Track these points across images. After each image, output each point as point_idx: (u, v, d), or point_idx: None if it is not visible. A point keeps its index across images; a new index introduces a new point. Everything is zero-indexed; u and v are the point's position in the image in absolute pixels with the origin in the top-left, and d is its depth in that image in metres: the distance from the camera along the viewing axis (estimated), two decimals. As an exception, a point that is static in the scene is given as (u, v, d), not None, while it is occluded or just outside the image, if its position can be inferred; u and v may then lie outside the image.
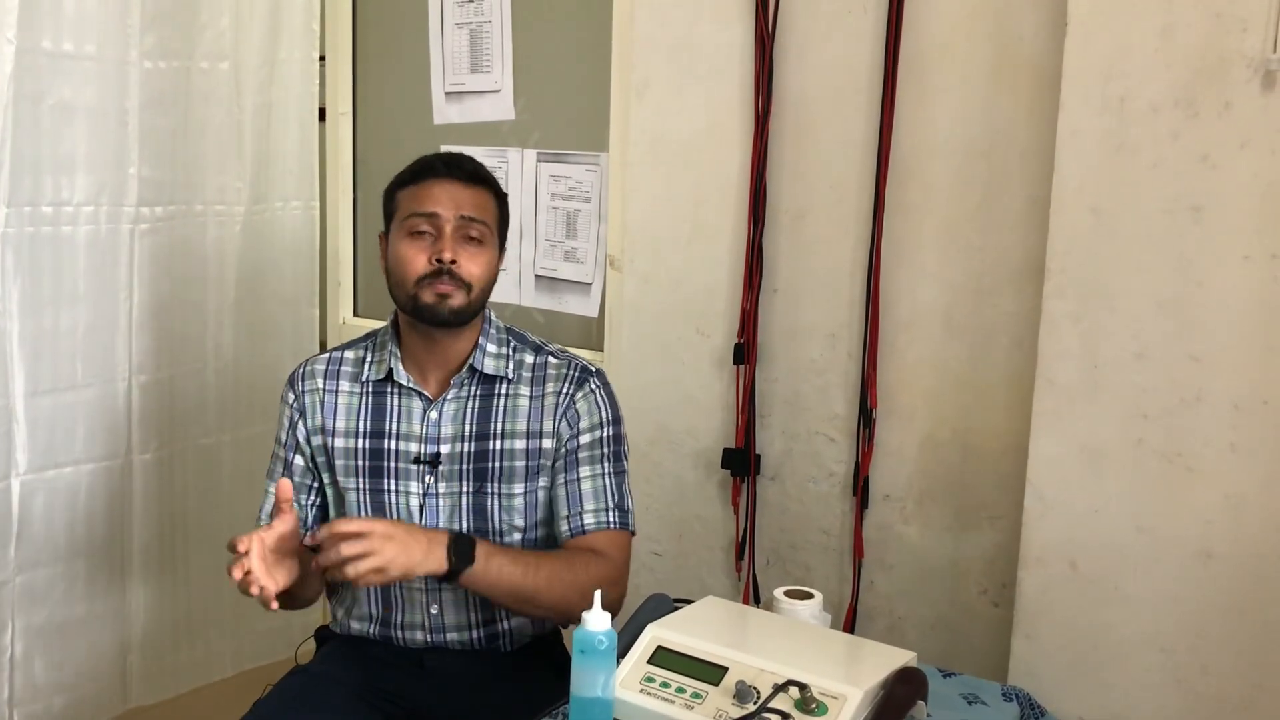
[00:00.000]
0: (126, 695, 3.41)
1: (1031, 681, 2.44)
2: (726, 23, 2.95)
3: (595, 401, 2.52)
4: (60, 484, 3.12)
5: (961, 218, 2.69)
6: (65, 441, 3.12)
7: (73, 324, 3.11)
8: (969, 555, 2.75)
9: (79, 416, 3.15)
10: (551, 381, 2.52)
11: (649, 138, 3.13)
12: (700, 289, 3.07)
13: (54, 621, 3.15)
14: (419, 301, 2.41)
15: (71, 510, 3.17)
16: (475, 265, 2.43)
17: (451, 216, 2.42)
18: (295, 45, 3.59)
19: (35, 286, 3.00)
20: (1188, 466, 2.27)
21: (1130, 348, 2.30)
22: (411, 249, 2.42)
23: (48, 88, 2.96)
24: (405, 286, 2.42)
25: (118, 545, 3.32)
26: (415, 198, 2.45)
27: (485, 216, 2.46)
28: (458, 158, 2.51)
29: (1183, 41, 2.21)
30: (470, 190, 2.46)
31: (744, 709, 2.01)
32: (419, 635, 2.52)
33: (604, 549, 2.47)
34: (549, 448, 2.49)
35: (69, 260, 3.08)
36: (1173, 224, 2.24)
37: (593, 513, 2.49)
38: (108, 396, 3.22)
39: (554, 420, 2.50)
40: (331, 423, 2.53)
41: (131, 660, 3.40)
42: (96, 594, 3.27)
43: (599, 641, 1.99)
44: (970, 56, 2.65)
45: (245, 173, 3.51)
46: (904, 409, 2.80)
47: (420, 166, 2.50)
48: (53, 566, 3.13)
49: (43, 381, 3.04)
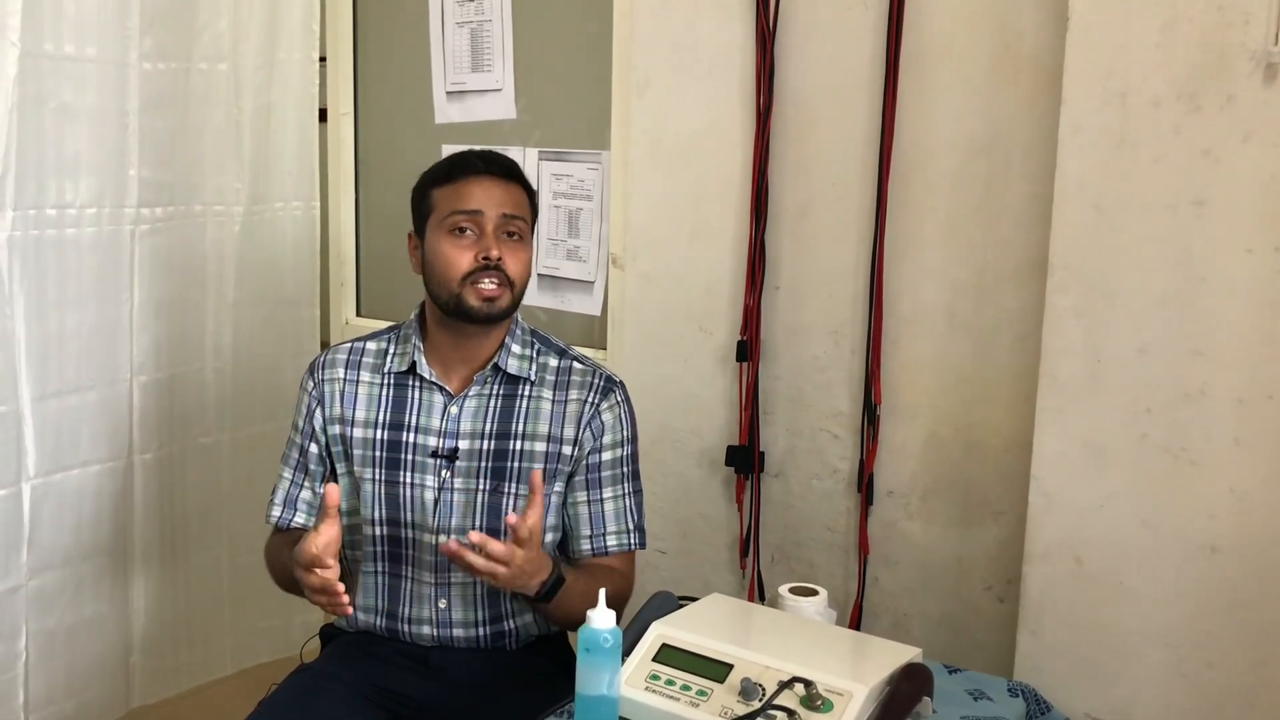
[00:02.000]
0: (130, 696, 3.41)
1: (1037, 677, 2.44)
2: (727, 20, 2.95)
3: (620, 416, 2.54)
4: (68, 487, 3.12)
5: (964, 214, 2.69)
6: (71, 444, 3.12)
7: (77, 326, 3.11)
8: (974, 551, 2.75)
9: (84, 419, 3.15)
10: (575, 388, 2.52)
11: (650, 136, 3.13)
12: (703, 287, 3.07)
13: (64, 625, 3.16)
14: (463, 301, 2.41)
15: (79, 513, 3.17)
16: (518, 263, 2.45)
17: (494, 214, 2.43)
18: (294, 46, 3.59)
19: (40, 290, 3.00)
20: (1191, 461, 2.27)
21: (1133, 343, 2.30)
22: (455, 247, 2.42)
23: (50, 90, 2.96)
24: (449, 285, 2.42)
25: (121, 546, 3.32)
26: (456, 196, 2.44)
27: (523, 213, 2.48)
28: (493, 154, 2.52)
29: (1184, 35, 2.21)
30: (508, 187, 2.47)
31: (749, 706, 2.01)
32: (426, 630, 2.52)
33: (621, 567, 2.54)
34: (568, 454, 2.50)
35: (73, 263, 3.08)
36: (1175, 218, 2.24)
37: (615, 534, 2.53)
38: (111, 398, 3.22)
39: (577, 428, 2.50)
40: (350, 412, 2.54)
41: (134, 661, 3.41)
42: (102, 595, 3.28)
43: (604, 640, 1.99)
44: (971, 52, 2.65)
45: (244, 174, 3.51)
46: (907, 405, 2.80)
47: (456, 163, 2.50)
48: (62, 569, 3.14)
49: (49, 385, 3.04)
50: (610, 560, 2.53)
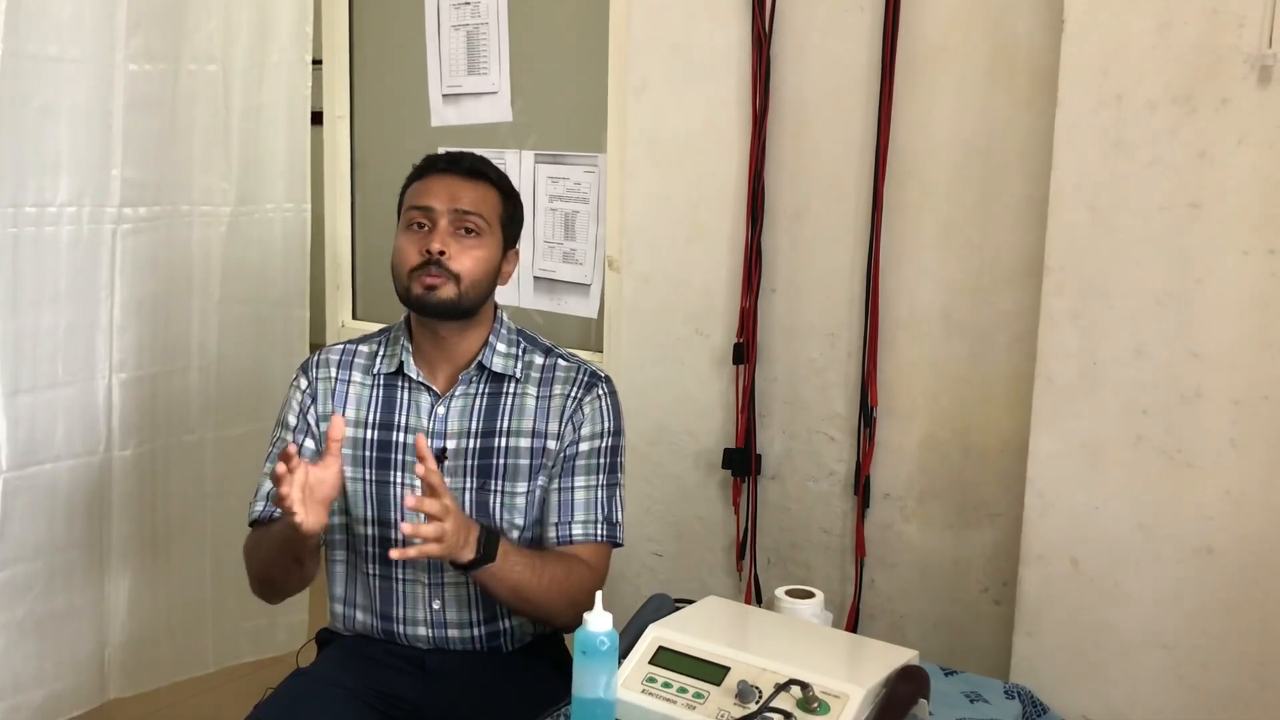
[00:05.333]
0: (105, 688, 3.41)
1: (1033, 679, 2.44)
2: (723, 23, 2.95)
3: (601, 409, 2.53)
4: (41, 480, 3.12)
5: (960, 216, 2.69)
6: (45, 438, 3.13)
7: (54, 323, 3.11)
8: (970, 553, 2.76)
9: (59, 413, 3.16)
10: (559, 384, 2.53)
11: (647, 138, 3.13)
12: (699, 289, 3.07)
13: (34, 616, 3.15)
14: (411, 293, 2.44)
15: (51, 506, 3.17)
16: (467, 257, 2.44)
17: (445, 209, 2.44)
18: (287, 48, 3.58)
19: (16, 287, 3.01)
20: (1188, 463, 2.27)
21: (1129, 344, 2.30)
22: (406, 242, 2.46)
23: (32, 90, 2.97)
24: (401, 279, 2.46)
25: (97, 540, 3.32)
26: (416, 193, 2.49)
27: (483, 210, 2.47)
28: (462, 154, 2.55)
29: (1179, 38, 2.21)
30: (469, 184, 2.48)
31: (746, 709, 2.01)
32: (421, 631, 2.52)
33: (588, 559, 2.50)
34: (552, 448, 2.50)
35: (50, 260, 3.08)
36: (1171, 220, 2.24)
37: (581, 524, 2.51)
38: (87, 393, 3.22)
39: (560, 422, 2.51)
40: (341, 411, 2.54)
41: (110, 653, 3.40)
42: (75, 588, 3.28)
43: (600, 642, 1.99)
44: (967, 55, 2.65)
45: (232, 174, 3.51)
46: (904, 408, 2.81)
47: (426, 163, 2.55)
48: (33, 562, 3.13)
49: (23, 380, 3.04)
50: (576, 549, 2.49)
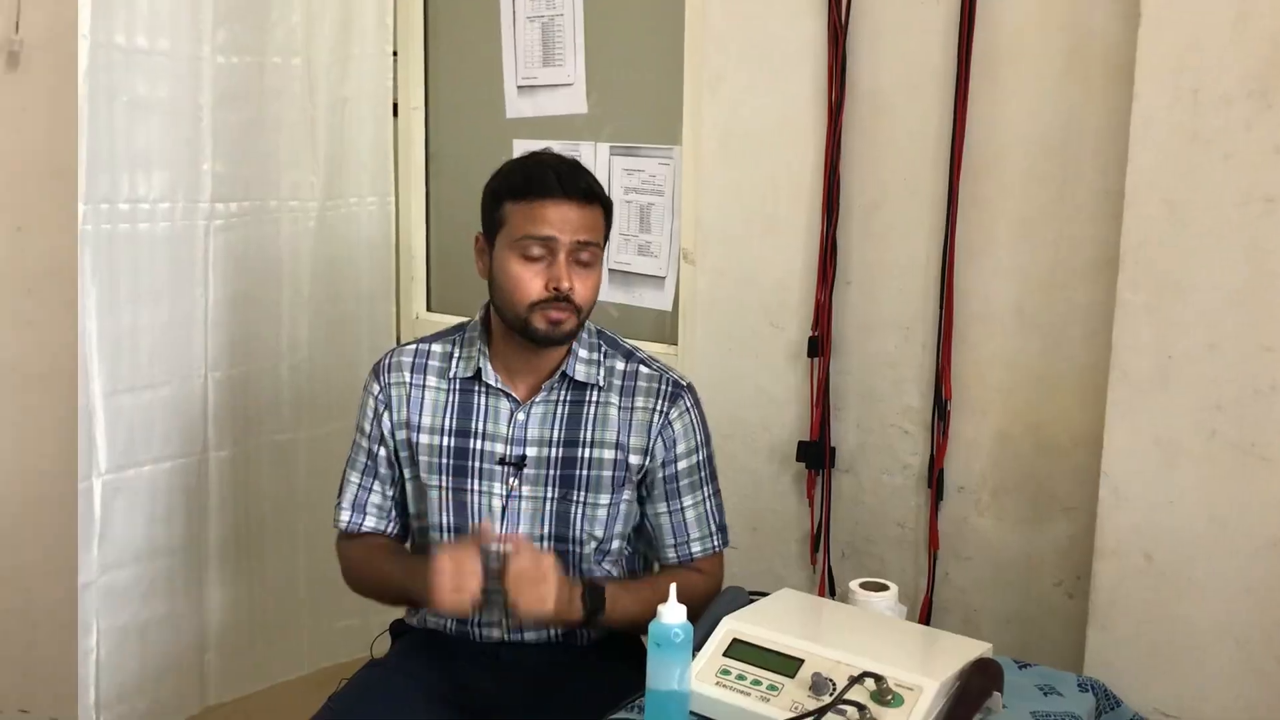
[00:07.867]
0: (204, 694, 3.42)
1: (1107, 672, 2.44)
2: (799, 15, 2.96)
3: (690, 423, 2.53)
4: (140, 483, 3.13)
5: (1034, 210, 2.68)
6: (144, 440, 3.13)
7: (151, 322, 3.12)
8: (1044, 547, 2.75)
9: (156, 414, 3.16)
10: (642, 395, 2.51)
11: (722, 131, 3.14)
12: (774, 282, 3.08)
13: (136, 621, 3.16)
14: (530, 324, 2.39)
15: (151, 509, 3.17)
16: (587, 289, 2.42)
17: (567, 241, 2.38)
18: (368, 40, 3.61)
19: (113, 285, 3.00)
20: (1261, 457, 2.26)
21: (1204, 339, 2.29)
22: (526, 272, 2.38)
23: (121, 84, 2.97)
24: (517, 308, 2.40)
25: (195, 543, 3.33)
26: (530, 218, 2.38)
27: (597, 238, 2.44)
28: (571, 171, 2.44)
29: (1255, 31, 2.20)
30: (586, 210, 2.41)
31: (820, 701, 2.02)
32: (495, 633, 2.53)
33: (707, 569, 2.56)
34: (636, 463, 2.50)
35: (146, 258, 3.09)
36: (1246, 215, 2.23)
37: (699, 540, 2.55)
38: (184, 394, 3.23)
39: (647, 438, 2.50)
40: (417, 418, 2.53)
41: (209, 659, 3.41)
42: (176, 592, 3.28)
43: (675, 635, 2.00)
44: (1043, 48, 2.64)
45: (319, 168, 3.53)
46: (977, 401, 2.80)
47: (532, 177, 2.42)
48: (134, 566, 3.14)
49: (121, 380, 3.05)
50: (697, 565, 2.55)
